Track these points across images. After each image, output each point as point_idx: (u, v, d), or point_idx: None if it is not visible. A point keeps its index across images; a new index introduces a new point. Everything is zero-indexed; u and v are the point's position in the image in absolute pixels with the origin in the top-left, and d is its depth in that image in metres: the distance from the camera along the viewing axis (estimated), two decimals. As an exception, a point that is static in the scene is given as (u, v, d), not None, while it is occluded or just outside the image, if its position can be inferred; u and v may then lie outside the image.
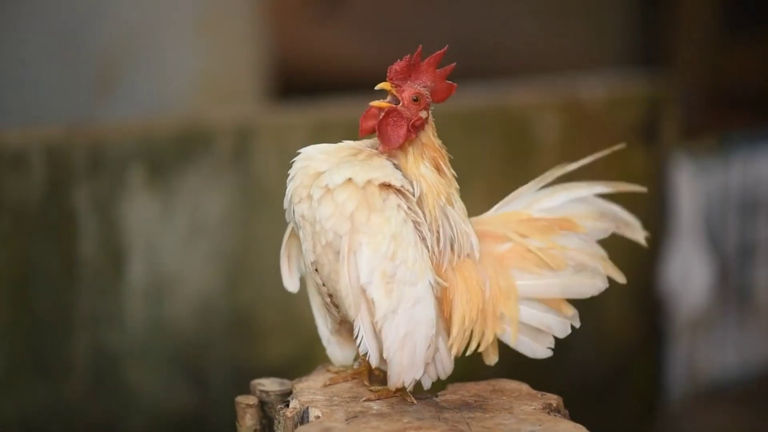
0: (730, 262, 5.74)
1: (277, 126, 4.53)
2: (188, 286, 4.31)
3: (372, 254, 2.41)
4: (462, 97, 5.04)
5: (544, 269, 2.55)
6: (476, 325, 2.52)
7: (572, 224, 2.57)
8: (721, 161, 5.68)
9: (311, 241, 2.48)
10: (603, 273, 2.59)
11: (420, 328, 2.45)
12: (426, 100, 2.49)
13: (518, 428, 2.42)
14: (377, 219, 2.43)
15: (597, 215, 2.60)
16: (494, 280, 2.54)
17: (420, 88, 2.49)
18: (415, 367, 2.46)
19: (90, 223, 4.17)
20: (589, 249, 2.58)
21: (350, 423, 2.42)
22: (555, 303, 2.57)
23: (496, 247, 2.57)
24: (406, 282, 2.43)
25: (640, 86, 5.35)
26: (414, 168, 2.49)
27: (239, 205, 4.39)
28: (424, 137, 2.51)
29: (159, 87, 5.11)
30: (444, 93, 2.51)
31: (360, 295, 2.44)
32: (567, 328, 2.59)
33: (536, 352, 2.60)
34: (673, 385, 5.54)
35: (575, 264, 2.56)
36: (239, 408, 2.66)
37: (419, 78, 2.49)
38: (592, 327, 5.19)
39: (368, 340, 2.46)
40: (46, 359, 4.13)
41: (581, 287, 2.57)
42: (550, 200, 2.60)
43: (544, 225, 2.57)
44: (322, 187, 2.44)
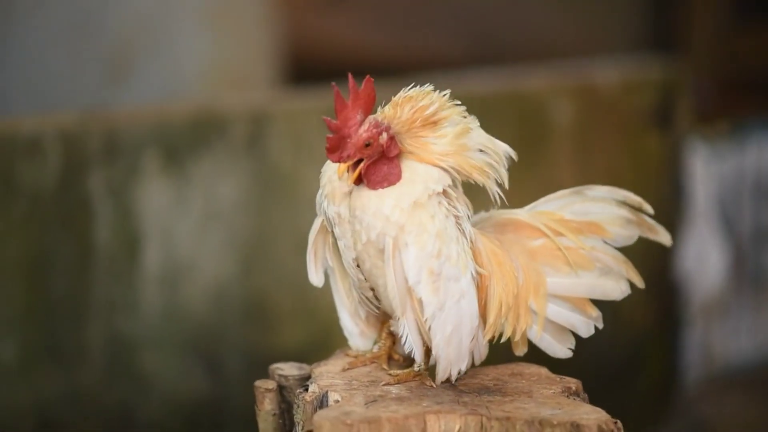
0: (745, 247, 5.73)
1: (291, 112, 4.52)
2: (203, 272, 4.31)
3: (418, 253, 2.42)
4: (476, 82, 5.04)
5: (572, 268, 2.58)
6: (511, 312, 2.54)
7: (601, 229, 2.60)
8: (735, 146, 5.66)
9: (351, 238, 2.48)
10: (626, 277, 2.63)
11: (465, 322, 2.47)
12: (374, 132, 2.43)
13: (538, 412, 2.42)
14: (422, 217, 2.43)
15: (624, 222, 2.62)
16: (526, 270, 2.56)
17: (360, 134, 2.43)
18: (461, 360, 2.50)
19: (105, 210, 4.17)
20: (614, 253, 2.62)
21: (369, 407, 2.41)
22: (581, 303, 2.60)
23: (529, 240, 2.59)
24: (451, 278, 2.44)
25: (654, 71, 5.34)
26: (427, 155, 2.46)
27: (254, 191, 4.39)
28: (400, 128, 2.45)
29: (172, 73, 5.11)
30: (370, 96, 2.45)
31: (406, 295, 2.45)
32: (591, 329, 2.63)
33: (556, 351, 2.62)
34: (688, 370, 5.54)
35: (602, 266, 2.60)
36: (258, 392, 2.66)
37: (349, 126, 2.44)
38: (608, 312, 5.16)
39: (414, 338, 2.48)
40: (61, 346, 4.14)
41: (607, 289, 2.61)
42: (582, 206, 2.62)
43: (574, 226, 2.59)
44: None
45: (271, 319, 4.44)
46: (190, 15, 5.16)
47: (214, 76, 5.20)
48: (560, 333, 2.61)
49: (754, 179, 5.72)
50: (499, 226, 2.60)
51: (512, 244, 2.57)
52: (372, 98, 2.47)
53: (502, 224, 2.59)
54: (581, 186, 2.65)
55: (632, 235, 2.63)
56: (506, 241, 2.57)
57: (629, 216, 2.63)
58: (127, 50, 5.02)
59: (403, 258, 2.43)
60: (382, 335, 2.66)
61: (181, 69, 5.14)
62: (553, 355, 2.62)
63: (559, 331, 2.61)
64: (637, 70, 5.36)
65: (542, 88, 5.04)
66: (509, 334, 2.56)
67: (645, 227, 2.65)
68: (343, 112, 2.45)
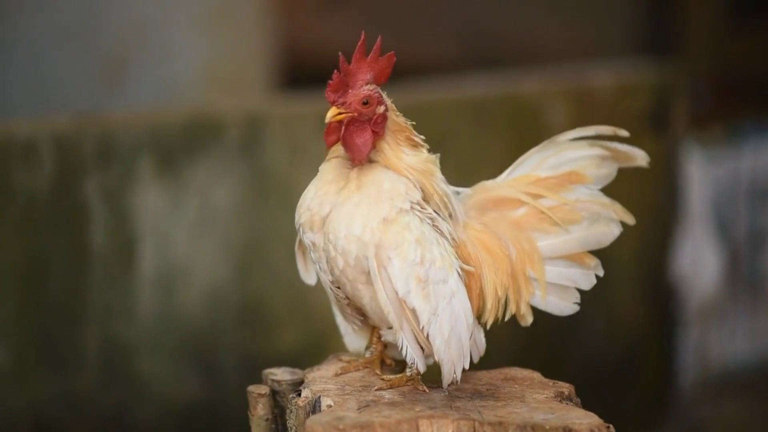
0: (741, 250, 5.73)
1: (286, 116, 4.52)
2: (198, 276, 4.31)
3: (402, 264, 2.43)
4: (472, 85, 5.04)
5: (560, 227, 2.59)
6: (510, 291, 2.57)
7: (579, 176, 2.61)
8: (730, 149, 5.66)
9: (326, 264, 2.50)
10: (616, 219, 2.62)
11: (461, 321, 2.49)
12: (375, 96, 2.46)
13: (531, 416, 2.42)
14: (396, 229, 2.44)
15: (599, 161, 2.62)
16: (516, 242, 2.58)
17: (363, 89, 2.46)
18: (464, 358, 2.51)
19: (100, 214, 4.17)
20: (599, 198, 2.62)
21: (362, 412, 2.42)
22: (577, 256, 2.62)
23: (512, 212, 2.60)
24: (439, 281, 2.46)
25: (650, 75, 5.34)
26: (397, 161, 2.48)
27: (249, 195, 4.39)
28: (391, 123, 2.49)
29: (167, 77, 5.11)
30: (386, 70, 2.48)
31: (400, 308, 2.46)
32: (592, 279, 2.63)
33: (563, 309, 2.63)
34: (683, 373, 5.54)
35: (589, 215, 2.61)
36: (251, 397, 2.66)
37: (357, 78, 2.46)
38: (603, 315, 5.19)
39: (413, 348, 2.49)
40: (56, 350, 4.14)
41: (599, 236, 2.61)
42: (556, 158, 2.62)
43: (553, 183, 2.60)
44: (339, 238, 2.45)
45: (266, 322, 4.44)
46: (185, 19, 5.16)
47: (209, 80, 5.20)
48: (563, 291, 2.62)
49: (750, 182, 5.72)
50: (479, 207, 2.61)
51: (497, 221, 2.59)
52: (386, 72, 2.48)
53: (482, 205, 2.61)
54: (553, 136, 2.65)
55: (611, 172, 2.62)
56: (490, 221, 2.59)
57: (603, 153, 2.62)
58: (123, 54, 5.02)
59: (389, 272, 2.44)
60: (373, 340, 2.67)
61: (176, 73, 5.14)
62: (560, 314, 2.63)
63: (562, 289, 2.62)
64: (632, 73, 5.37)
65: (538, 92, 5.04)
66: (514, 309, 2.58)
67: (621, 157, 2.63)
68: (359, 63, 2.47)
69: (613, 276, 5.18)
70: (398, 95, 4.76)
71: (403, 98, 4.75)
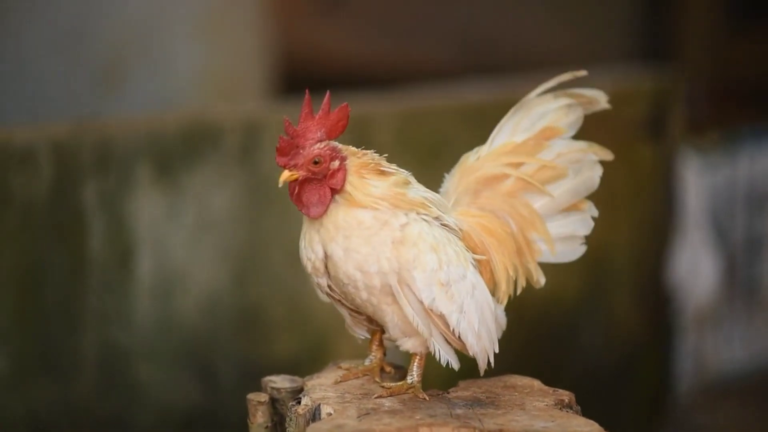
0: (738, 257, 5.74)
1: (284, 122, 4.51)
2: (196, 282, 4.31)
3: (423, 275, 2.47)
4: (470, 91, 5.04)
5: (550, 185, 2.64)
6: (519, 267, 2.62)
7: (553, 130, 2.65)
8: (727, 156, 5.67)
9: (345, 297, 2.54)
10: (596, 159, 2.66)
11: (485, 310, 2.54)
12: (327, 153, 2.46)
13: (531, 424, 2.42)
14: (409, 244, 2.47)
15: (566, 109, 2.67)
16: (515, 213, 2.62)
17: (313, 149, 2.46)
18: (494, 342, 2.57)
19: (97, 220, 4.17)
20: (576, 145, 2.66)
21: (362, 420, 2.41)
22: (572, 205, 2.68)
23: (500, 185, 2.63)
24: (458, 278, 2.50)
25: (647, 81, 5.34)
26: (365, 197, 2.47)
27: (247, 202, 4.39)
28: (354, 167, 2.48)
29: (165, 83, 5.11)
30: (340, 122, 2.48)
31: (427, 317, 2.50)
32: (590, 222, 2.69)
33: (574, 253, 2.70)
34: (680, 379, 5.54)
35: (573, 165, 2.65)
36: (251, 405, 2.66)
37: (306, 138, 2.47)
38: (600, 321, 5.19)
39: (445, 350, 2.54)
40: (54, 356, 4.13)
41: (587, 182, 2.66)
42: (528, 118, 2.66)
43: (531, 145, 2.64)
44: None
45: (264, 329, 4.44)
46: (183, 24, 5.16)
47: (207, 86, 5.20)
48: (568, 240, 2.69)
49: (747, 189, 5.73)
50: (470, 191, 2.64)
51: (491, 199, 2.63)
52: (340, 125, 2.49)
53: (473, 188, 2.63)
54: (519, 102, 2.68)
55: (579, 116, 2.67)
56: (485, 202, 2.63)
57: (567, 101, 2.66)
58: (120, 60, 5.01)
59: (412, 288, 2.47)
60: (373, 347, 2.67)
61: (174, 79, 5.14)
62: (572, 259, 2.70)
63: (565, 239, 2.68)
64: (629, 80, 5.37)
65: (535, 98, 5.03)
66: (524, 283, 2.64)
67: (584, 102, 2.68)
68: (306, 122, 2.48)
69: (610, 282, 5.21)
70: (396, 101, 4.77)
71: (402, 104, 4.78)
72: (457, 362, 2.54)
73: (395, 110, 4.75)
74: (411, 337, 2.53)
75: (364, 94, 4.95)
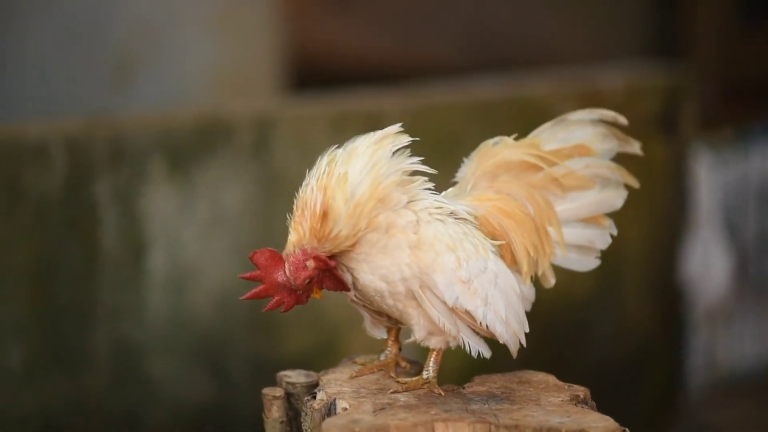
0: (750, 253, 5.73)
1: (295, 118, 4.52)
2: (209, 277, 4.31)
3: (443, 276, 2.48)
4: (480, 88, 5.04)
5: (573, 192, 2.66)
6: (539, 248, 2.62)
7: (587, 149, 2.67)
8: (739, 152, 5.66)
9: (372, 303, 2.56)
10: (622, 182, 2.69)
11: (511, 296, 2.54)
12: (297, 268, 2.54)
13: (546, 420, 2.42)
14: (427, 246, 2.47)
15: (602, 137, 2.68)
16: (532, 200, 2.63)
17: (293, 275, 2.56)
18: (524, 324, 2.58)
19: (110, 215, 4.17)
20: (607, 163, 2.69)
21: (377, 415, 2.41)
22: (592, 218, 2.68)
23: (526, 175, 2.64)
24: (480, 271, 2.50)
25: (659, 77, 5.33)
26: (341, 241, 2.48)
27: (259, 197, 4.39)
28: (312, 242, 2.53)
29: (177, 79, 5.11)
30: (269, 258, 2.63)
31: (453, 316, 2.51)
32: (608, 238, 2.70)
33: (586, 264, 2.71)
34: (691, 375, 5.53)
35: (600, 180, 2.67)
36: (266, 400, 2.66)
37: (270, 271, 2.62)
38: (612, 317, 5.18)
39: (475, 341, 2.55)
40: (67, 351, 4.14)
41: (611, 199, 2.67)
42: (565, 133, 2.68)
43: (565, 153, 2.66)
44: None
45: (276, 325, 4.44)
46: (195, 21, 5.16)
47: (219, 81, 5.20)
48: (583, 250, 2.70)
49: (759, 185, 5.72)
50: (488, 175, 2.64)
51: (509, 183, 2.63)
52: (273, 259, 2.60)
53: (491, 171, 2.64)
54: (562, 115, 2.71)
55: (612, 148, 2.69)
56: (502, 185, 2.63)
57: (605, 131, 2.68)
58: (132, 56, 5.02)
59: (434, 291, 2.48)
60: (388, 343, 2.67)
61: (186, 75, 5.14)
62: (584, 270, 2.71)
63: (581, 248, 2.70)
64: (641, 76, 5.36)
65: (547, 94, 5.03)
66: (542, 267, 2.64)
67: (619, 139, 2.70)
68: (265, 270, 2.62)
69: (621, 278, 5.20)
70: (407, 97, 4.77)
71: (412, 100, 4.78)
72: (489, 351, 2.55)
73: (405, 106, 4.74)
74: (435, 335, 2.54)
75: (375, 89, 4.95)
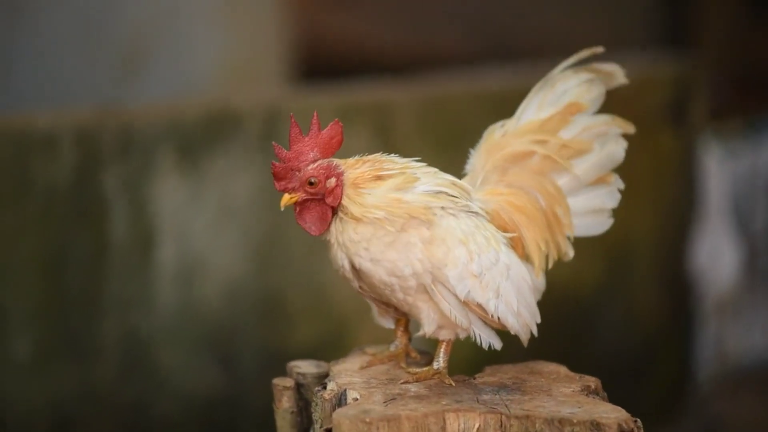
0: (759, 244, 5.72)
1: (304, 108, 4.50)
2: (218, 269, 4.31)
3: (455, 271, 2.47)
4: (490, 78, 5.03)
5: (576, 160, 2.65)
6: (550, 241, 2.62)
7: (577, 105, 2.66)
8: (749, 143, 5.65)
9: (381, 297, 2.55)
10: (619, 132, 2.68)
11: (522, 287, 2.55)
12: (321, 173, 2.48)
13: (558, 410, 2.41)
14: (438, 242, 2.47)
15: (588, 85, 2.67)
16: (542, 189, 2.62)
17: (308, 169, 2.48)
18: (535, 314, 2.58)
19: (120, 206, 4.17)
20: (600, 119, 2.67)
21: (388, 405, 2.41)
22: (599, 179, 2.68)
23: (528, 162, 2.63)
24: (492, 264, 2.50)
25: (668, 68, 5.32)
26: (359, 208, 2.47)
27: (268, 188, 4.37)
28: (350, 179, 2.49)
29: (186, 70, 5.11)
30: (333, 140, 2.51)
31: (464, 309, 2.51)
32: (616, 195, 2.70)
33: (602, 225, 2.71)
34: (701, 367, 5.53)
35: (599, 139, 2.66)
36: (276, 390, 2.66)
37: (300, 161, 2.49)
38: (621, 309, 5.18)
39: (486, 333, 2.55)
40: (76, 343, 4.14)
41: (612, 155, 2.67)
42: (552, 94, 2.66)
43: (557, 120, 2.64)
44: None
45: (285, 315, 4.44)
46: (203, 12, 5.16)
47: (228, 72, 5.20)
48: (596, 213, 2.69)
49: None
50: (498, 169, 2.63)
51: (519, 175, 2.63)
52: (334, 142, 2.51)
53: (501, 165, 2.63)
54: (544, 78, 2.69)
55: (600, 92, 2.67)
56: (513, 179, 2.63)
57: (588, 76, 2.67)
58: (141, 47, 5.02)
59: (446, 285, 2.48)
60: (398, 333, 2.67)
61: (195, 66, 5.14)
62: (600, 232, 2.70)
63: (593, 212, 2.69)
64: (651, 67, 5.35)
65: (556, 85, 5.02)
66: (555, 256, 2.63)
67: (602, 76, 2.68)
68: (296, 145, 2.50)
69: (630, 269, 5.20)
70: (416, 88, 4.76)
71: (421, 91, 4.78)
72: (500, 342, 2.55)
73: (415, 97, 4.74)
74: (445, 327, 2.53)
75: (383, 80, 4.95)
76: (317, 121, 2.52)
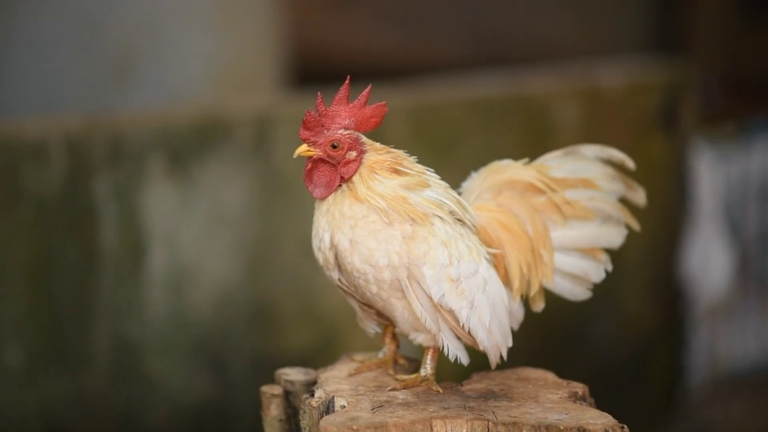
0: (751, 249, 5.72)
1: (296, 115, 4.48)
2: (208, 276, 4.31)
3: (432, 271, 2.48)
4: (482, 84, 5.03)
5: (574, 221, 2.66)
6: (532, 267, 2.61)
7: (592, 184, 2.68)
8: (741, 147, 5.65)
9: (355, 290, 2.54)
10: (624, 222, 2.70)
11: (498, 305, 2.54)
12: (346, 141, 2.49)
13: (545, 417, 2.41)
14: (419, 239, 2.48)
15: (610, 178, 2.69)
16: (532, 221, 2.63)
17: (336, 133, 2.49)
18: (507, 337, 2.57)
19: (110, 214, 4.17)
20: (611, 199, 2.69)
21: (376, 412, 2.41)
22: (590, 250, 2.69)
23: (529, 196, 2.65)
24: (470, 274, 2.51)
25: (659, 73, 5.33)
26: (365, 190, 2.48)
27: (259, 195, 4.38)
28: (370, 161, 2.50)
29: (177, 76, 5.11)
30: (372, 119, 2.52)
31: (436, 313, 2.50)
32: (602, 272, 2.70)
33: (577, 294, 2.70)
34: (693, 372, 5.53)
35: (602, 215, 2.68)
36: (264, 398, 2.66)
37: (334, 121, 2.50)
38: (613, 314, 5.18)
39: (454, 345, 2.54)
40: (66, 350, 4.14)
41: (609, 236, 2.69)
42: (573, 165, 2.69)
43: (570, 183, 2.66)
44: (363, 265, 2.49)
45: (276, 322, 4.44)
46: (195, 18, 5.15)
47: (219, 79, 5.19)
48: (576, 279, 2.69)
49: (760, 181, 5.71)
50: (494, 188, 2.65)
51: (512, 199, 2.64)
52: (372, 121, 2.53)
53: (497, 186, 2.65)
54: (572, 146, 2.71)
55: (618, 190, 2.70)
56: (505, 200, 2.64)
57: (613, 173, 2.69)
58: (132, 53, 5.01)
59: (421, 284, 2.48)
60: (386, 340, 2.67)
61: (186, 72, 5.13)
62: (574, 299, 2.70)
63: (575, 278, 2.68)
64: (642, 71, 5.36)
65: (547, 90, 5.03)
66: (535, 287, 2.62)
67: (626, 184, 2.71)
68: (338, 106, 2.52)
69: (622, 275, 5.19)
70: (409, 94, 4.77)
71: (414, 97, 4.78)
72: (467, 357, 2.54)
73: (408, 103, 4.74)
74: (421, 332, 2.53)
75: (377, 87, 4.94)
76: (367, 95, 2.53)
